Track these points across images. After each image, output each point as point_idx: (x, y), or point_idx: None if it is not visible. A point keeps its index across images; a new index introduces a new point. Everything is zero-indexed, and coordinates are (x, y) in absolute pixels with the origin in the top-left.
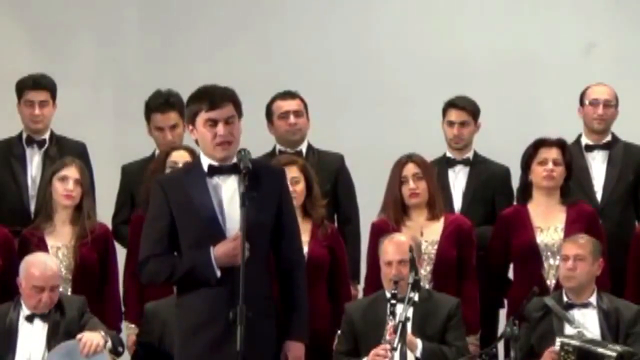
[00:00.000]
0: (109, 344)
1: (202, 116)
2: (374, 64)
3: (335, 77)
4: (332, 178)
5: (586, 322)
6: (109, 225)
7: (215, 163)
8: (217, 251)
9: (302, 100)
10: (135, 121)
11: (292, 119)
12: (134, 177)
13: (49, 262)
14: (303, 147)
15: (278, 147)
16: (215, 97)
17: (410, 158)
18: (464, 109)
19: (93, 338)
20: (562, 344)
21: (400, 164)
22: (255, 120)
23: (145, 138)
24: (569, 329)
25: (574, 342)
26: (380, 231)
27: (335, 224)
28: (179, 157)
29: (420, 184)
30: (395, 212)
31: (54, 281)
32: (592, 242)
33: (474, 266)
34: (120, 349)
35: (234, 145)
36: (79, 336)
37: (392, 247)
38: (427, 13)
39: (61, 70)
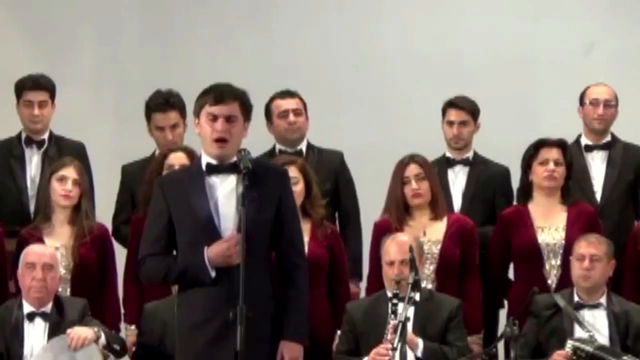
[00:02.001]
0: (102, 339)
1: (206, 109)
2: (373, 63)
3: (335, 77)
4: (332, 176)
5: (596, 323)
6: (109, 226)
7: (213, 161)
8: (211, 252)
9: (301, 99)
10: (135, 121)
11: (291, 117)
12: (134, 177)
13: (46, 247)
14: (303, 146)
15: (278, 146)
16: (221, 93)
17: (412, 158)
18: (463, 108)
19: (81, 332)
20: (574, 348)
21: (402, 165)
22: (255, 120)
23: (145, 138)
24: (579, 332)
25: (587, 348)
26: (382, 231)
27: (337, 222)
28: (177, 160)
29: (422, 185)
30: (398, 212)
31: (48, 259)
32: (606, 243)
33: (477, 266)
34: (116, 346)
35: (230, 145)
36: (69, 330)
37: (394, 247)
38: (427, 13)
39: (61, 70)
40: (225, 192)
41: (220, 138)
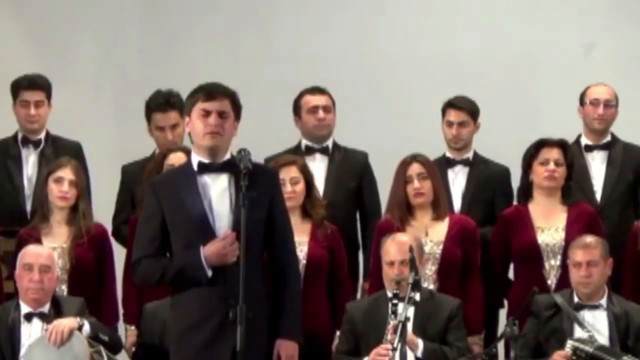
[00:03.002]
0: (87, 327)
1: (198, 106)
2: (374, 64)
3: (336, 77)
4: (356, 175)
5: (596, 324)
6: (109, 226)
7: (205, 160)
8: (207, 251)
9: (330, 96)
10: (135, 121)
11: (321, 114)
12: (134, 177)
13: (43, 248)
14: (329, 143)
15: (304, 142)
16: (213, 90)
17: (414, 158)
18: (462, 109)
19: (60, 324)
20: (574, 348)
21: (405, 164)
22: (254, 121)
23: (145, 138)
24: (579, 332)
25: (586, 348)
26: (385, 231)
27: (358, 221)
28: (177, 160)
29: (425, 184)
30: (400, 212)
31: (45, 260)
32: (601, 244)
33: (479, 266)
34: (103, 337)
35: (222, 138)
36: (47, 326)
37: (395, 247)
38: (427, 13)
39: (61, 70)
40: (218, 191)
41: (214, 132)
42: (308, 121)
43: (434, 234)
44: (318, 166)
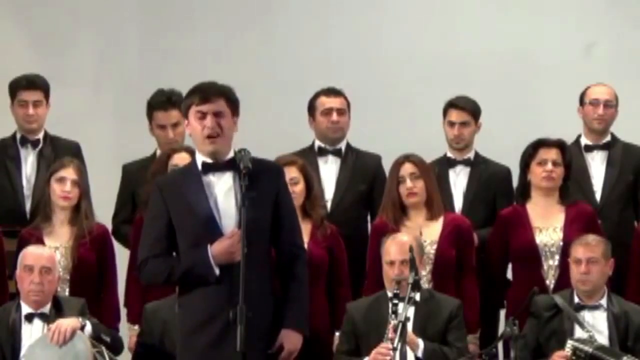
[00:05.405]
0: (88, 328)
1: (193, 109)
2: (374, 64)
3: (337, 77)
4: (368, 178)
5: (596, 324)
6: (109, 225)
7: (209, 160)
8: (214, 249)
9: (345, 98)
10: (135, 121)
11: (334, 116)
12: (135, 176)
13: (44, 249)
14: (342, 145)
15: (317, 143)
16: (206, 91)
17: (407, 158)
18: (464, 109)
19: (62, 324)
20: (574, 348)
21: (397, 164)
22: (254, 121)
23: (145, 138)
24: (579, 332)
25: (586, 348)
26: (380, 232)
27: (369, 223)
28: (181, 160)
29: (417, 184)
30: (394, 212)
31: (45, 262)
32: (603, 243)
33: (474, 265)
34: (105, 337)
35: (222, 140)
36: (50, 325)
37: (395, 247)
38: (427, 13)
39: (61, 70)
40: (223, 190)
41: (211, 134)
42: (322, 123)
43: (428, 234)
44: (330, 168)
